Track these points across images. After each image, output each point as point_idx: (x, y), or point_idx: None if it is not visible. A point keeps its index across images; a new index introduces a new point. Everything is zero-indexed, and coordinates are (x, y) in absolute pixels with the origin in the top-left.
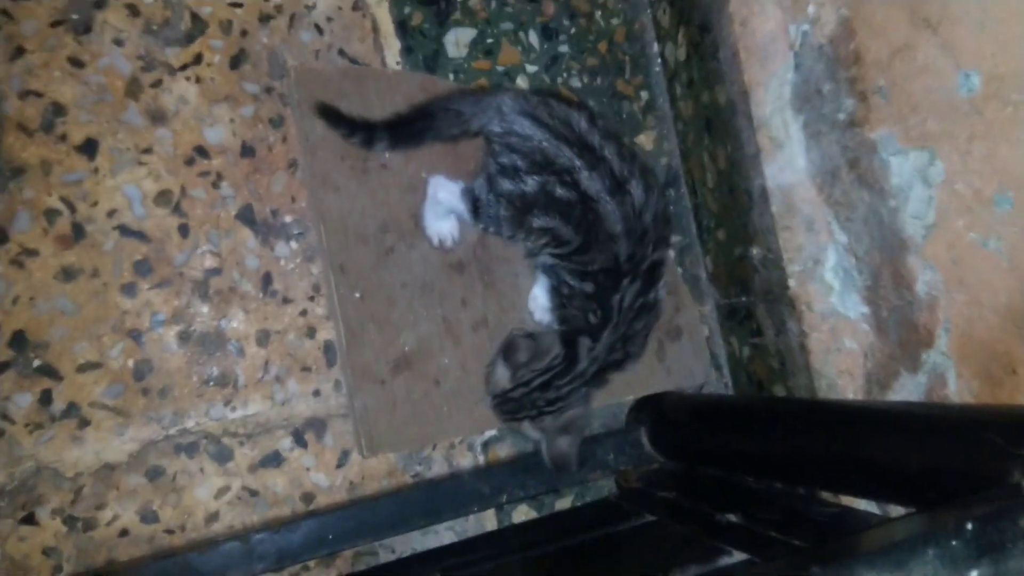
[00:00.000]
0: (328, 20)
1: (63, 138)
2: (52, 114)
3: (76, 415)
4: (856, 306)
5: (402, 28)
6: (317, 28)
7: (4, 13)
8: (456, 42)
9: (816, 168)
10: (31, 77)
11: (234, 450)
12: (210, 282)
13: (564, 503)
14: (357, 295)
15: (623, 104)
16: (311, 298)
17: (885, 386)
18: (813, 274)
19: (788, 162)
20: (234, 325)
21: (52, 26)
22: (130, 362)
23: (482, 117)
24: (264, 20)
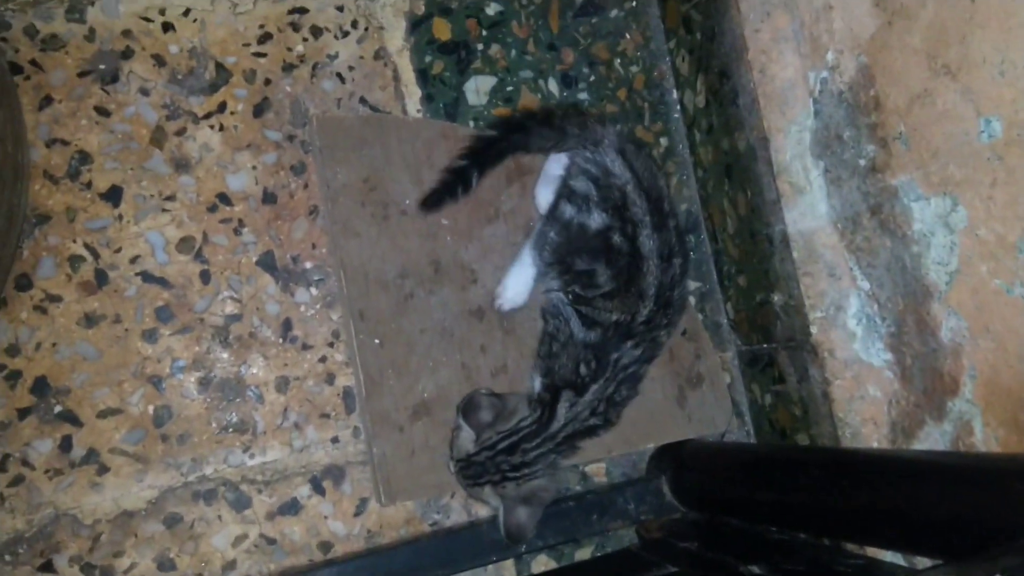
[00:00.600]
0: (350, 69)
1: (88, 185)
2: (78, 162)
3: (96, 461)
4: (880, 353)
5: (423, 76)
6: (339, 77)
7: (33, 63)
8: (476, 90)
9: (837, 214)
10: (58, 126)
11: (252, 497)
12: (230, 328)
13: (584, 553)
14: (376, 341)
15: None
16: (331, 344)
17: (910, 435)
18: (835, 321)
19: (809, 208)
20: (254, 371)
21: (80, 76)
22: (150, 408)
23: (581, 140)
24: (287, 69)
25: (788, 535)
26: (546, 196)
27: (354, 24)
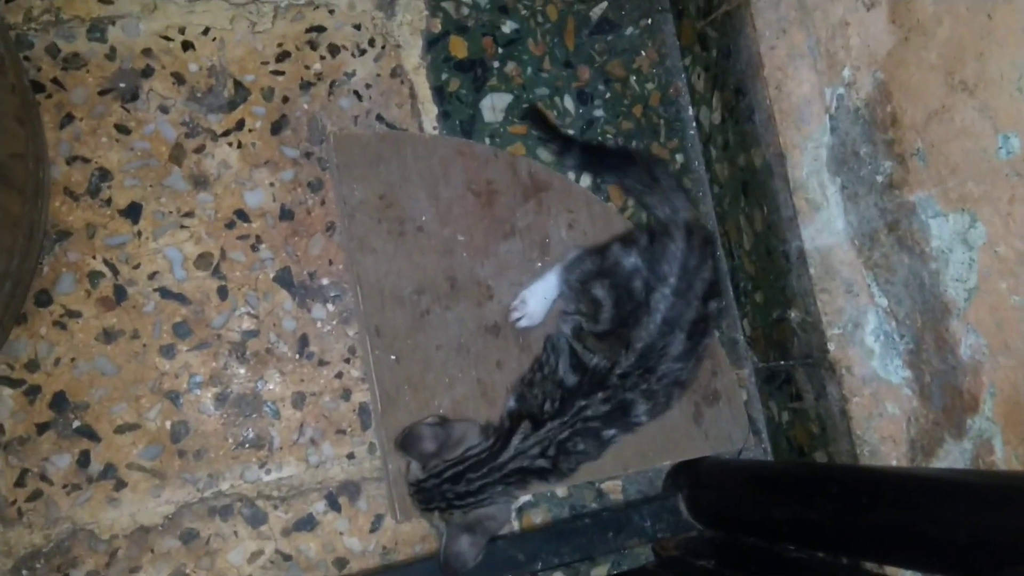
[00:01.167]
0: (367, 87)
1: (108, 202)
2: (98, 179)
3: (113, 476)
4: (898, 370)
5: (439, 94)
6: (356, 94)
7: (55, 82)
8: (492, 107)
9: (854, 230)
10: (79, 143)
11: (268, 513)
12: (247, 344)
13: (600, 571)
14: (393, 357)
15: None
16: (347, 360)
17: (929, 453)
18: (853, 337)
19: (826, 224)
20: (270, 387)
21: (100, 94)
22: (167, 423)
23: (662, 194)
24: (305, 87)
25: (806, 554)
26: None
27: (371, 42)
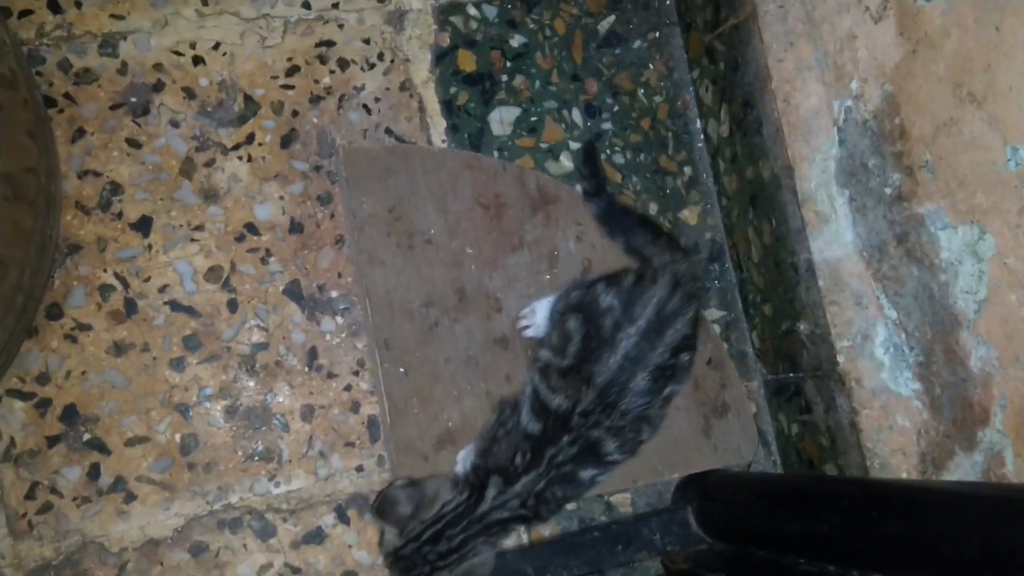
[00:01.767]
0: (376, 100)
1: (119, 216)
2: (109, 193)
3: (123, 489)
4: (908, 383)
5: (448, 107)
6: (365, 108)
7: (66, 97)
8: (501, 120)
9: (863, 242)
10: (90, 157)
11: (277, 526)
12: (257, 357)
13: None
14: (401, 370)
15: (666, 180)
16: (356, 373)
17: (940, 466)
18: (862, 350)
19: (834, 236)
20: (279, 400)
21: (112, 109)
22: (177, 436)
23: (665, 247)
24: (314, 101)
25: (816, 567)
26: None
27: (380, 56)
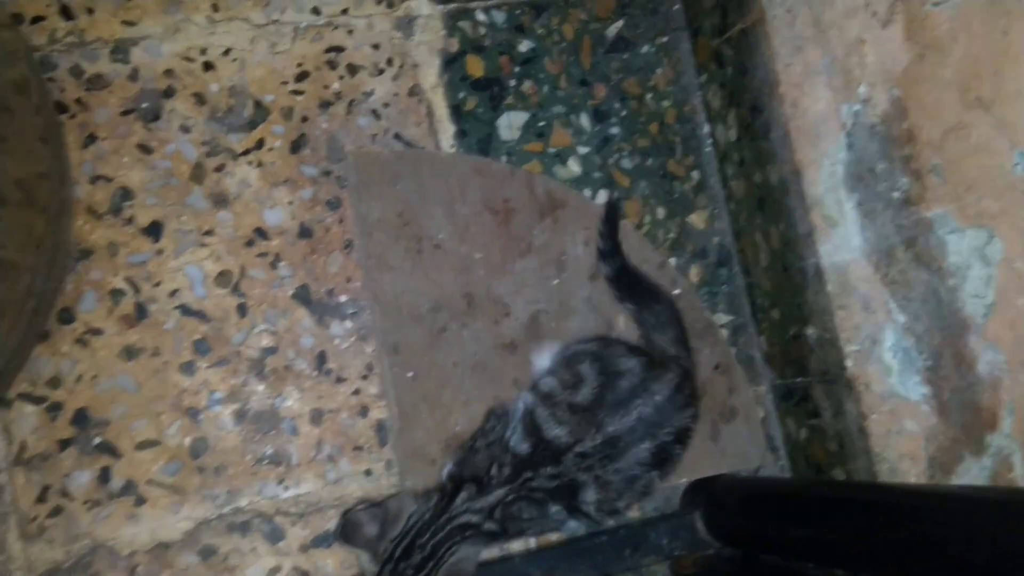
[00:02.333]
0: (385, 106)
1: (130, 221)
2: (120, 198)
3: (133, 493)
4: (916, 387)
5: (456, 112)
6: (374, 113)
7: (78, 102)
8: (509, 125)
9: (871, 247)
10: (102, 163)
11: (286, 529)
12: (266, 361)
13: None
14: (410, 375)
15: (674, 184)
16: (364, 377)
17: (948, 470)
18: (871, 354)
19: (843, 241)
20: (288, 404)
21: (123, 114)
22: (187, 440)
23: (674, 337)
24: (324, 106)
25: (825, 572)
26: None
27: (389, 62)
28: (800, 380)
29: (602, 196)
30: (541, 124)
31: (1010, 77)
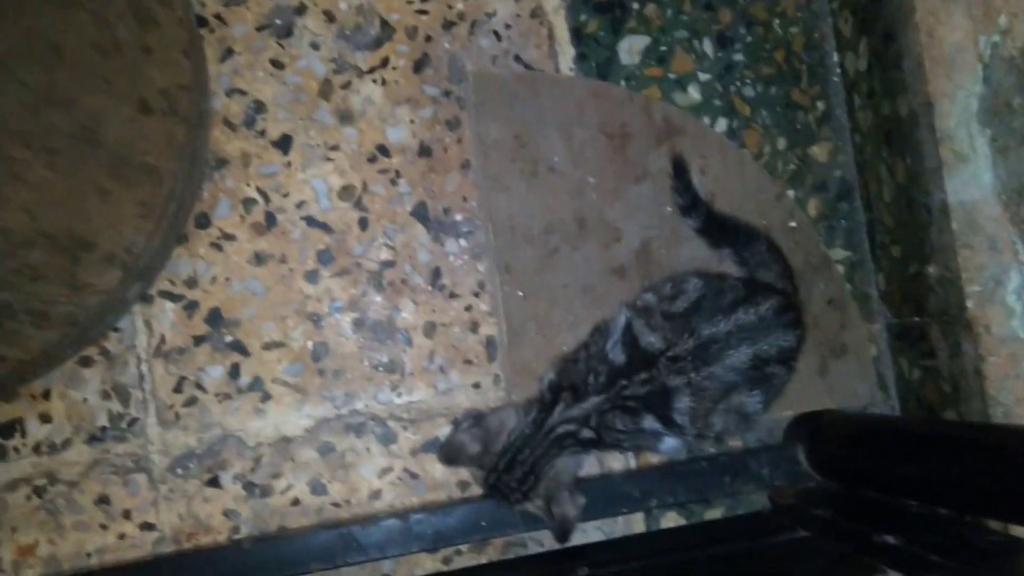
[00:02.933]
0: (506, 27)
1: (262, 133)
2: (254, 111)
3: (260, 389)
4: None
5: (577, 35)
6: (496, 34)
7: (217, 18)
8: (630, 49)
9: (1003, 185)
10: (237, 76)
11: (398, 433)
12: (384, 274)
13: (714, 514)
14: (520, 294)
15: (797, 114)
16: (476, 294)
17: None
18: (994, 296)
19: (972, 177)
20: (404, 315)
21: (258, 30)
22: (309, 344)
23: (778, 273)
24: (447, 26)
25: (928, 509)
26: None
27: None
28: (917, 319)
29: (721, 124)
30: (662, 49)
31: None
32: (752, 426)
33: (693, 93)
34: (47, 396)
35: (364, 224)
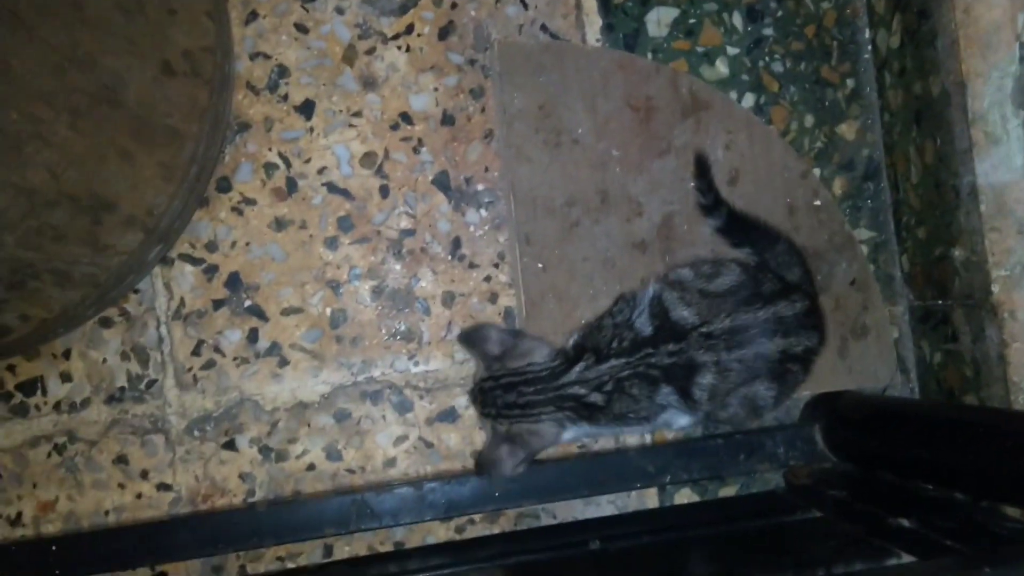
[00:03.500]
0: None
1: (285, 98)
2: (277, 75)
3: (278, 354)
4: None
5: (604, 5)
6: (522, 3)
7: None
8: (658, 21)
9: None
10: (261, 40)
11: (414, 402)
12: (404, 242)
13: (728, 491)
14: (540, 266)
15: (826, 91)
16: (495, 265)
17: None
18: (1020, 281)
19: (1003, 160)
20: (423, 284)
21: None
22: (328, 310)
23: (799, 273)
24: None
25: (944, 493)
26: None
27: None
28: (940, 303)
29: (748, 99)
30: (691, 21)
31: None
32: (759, 418)
33: (721, 67)
34: (68, 355)
35: (385, 192)
